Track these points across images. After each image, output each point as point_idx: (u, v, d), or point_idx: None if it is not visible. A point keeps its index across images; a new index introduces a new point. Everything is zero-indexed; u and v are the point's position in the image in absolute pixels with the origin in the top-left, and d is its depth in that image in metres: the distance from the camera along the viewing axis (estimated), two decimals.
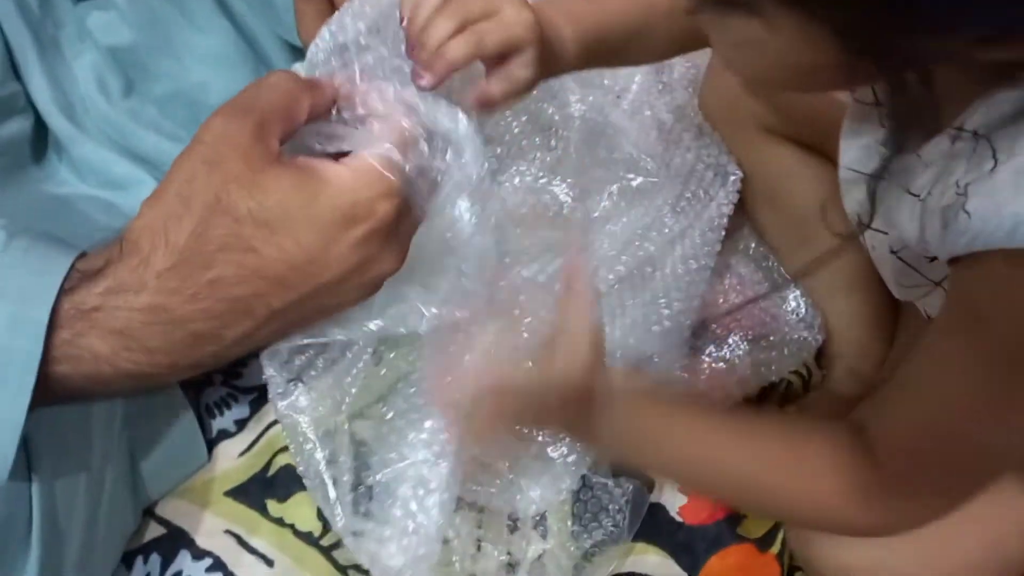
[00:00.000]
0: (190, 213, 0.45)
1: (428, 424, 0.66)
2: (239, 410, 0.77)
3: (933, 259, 0.49)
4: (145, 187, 0.77)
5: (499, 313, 0.58)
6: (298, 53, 0.83)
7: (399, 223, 0.48)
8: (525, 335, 0.57)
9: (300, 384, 0.71)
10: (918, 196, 0.45)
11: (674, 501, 0.72)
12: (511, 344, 0.56)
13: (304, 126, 0.50)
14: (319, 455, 0.69)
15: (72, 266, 0.46)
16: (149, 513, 0.71)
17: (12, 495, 0.53)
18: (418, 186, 0.50)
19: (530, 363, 0.53)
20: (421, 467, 0.65)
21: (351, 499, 0.69)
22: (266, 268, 0.46)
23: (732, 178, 0.78)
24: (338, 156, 0.50)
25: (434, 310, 0.59)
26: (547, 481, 0.70)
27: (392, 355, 0.73)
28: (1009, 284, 0.39)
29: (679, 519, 0.72)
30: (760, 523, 0.73)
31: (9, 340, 0.43)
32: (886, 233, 0.52)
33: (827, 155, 0.74)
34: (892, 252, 0.53)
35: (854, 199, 0.55)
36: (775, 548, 0.72)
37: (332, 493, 0.69)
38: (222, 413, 0.76)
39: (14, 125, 0.76)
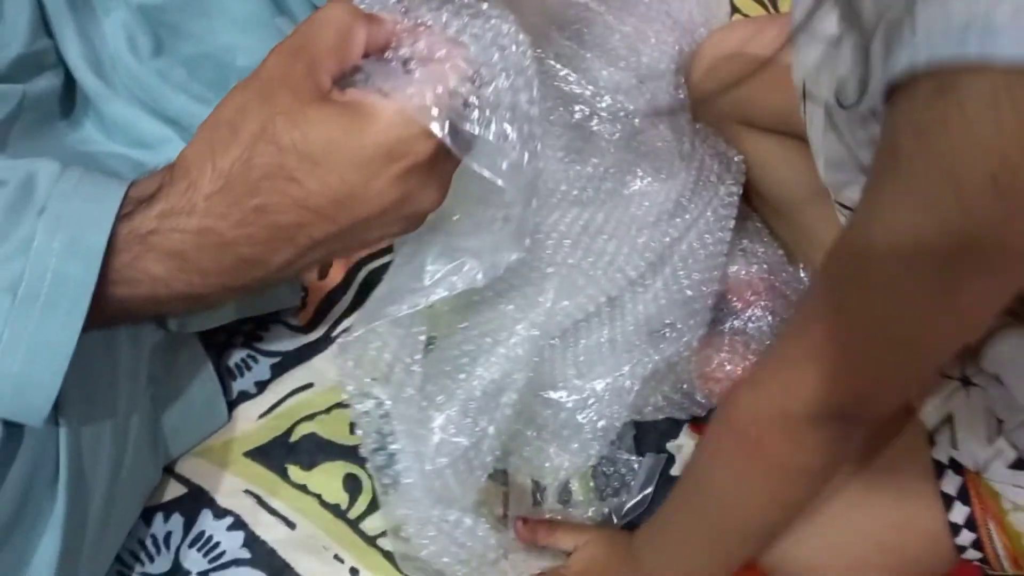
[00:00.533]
0: (237, 140, 0.46)
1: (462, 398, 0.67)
2: (260, 372, 0.77)
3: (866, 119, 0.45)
4: (172, 146, 0.76)
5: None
6: None
7: (439, 161, 0.49)
8: None
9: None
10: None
11: None
12: None
13: (361, 60, 0.50)
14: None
15: (126, 195, 0.47)
16: (169, 471, 0.72)
17: (40, 442, 0.53)
18: (462, 127, 0.49)
19: None
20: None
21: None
22: (308, 199, 0.47)
23: (736, 159, 0.79)
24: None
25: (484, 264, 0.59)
26: (576, 448, 0.70)
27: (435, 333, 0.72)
28: (934, 115, 0.34)
29: None
30: None
31: (65, 267, 0.44)
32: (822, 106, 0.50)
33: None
34: (827, 117, 0.50)
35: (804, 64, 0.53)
36: None
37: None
38: (243, 375, 0.77)
39: (44, 81, 0.76)
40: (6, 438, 0.50)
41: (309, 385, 0.77)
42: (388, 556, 0.69)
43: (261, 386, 0.76)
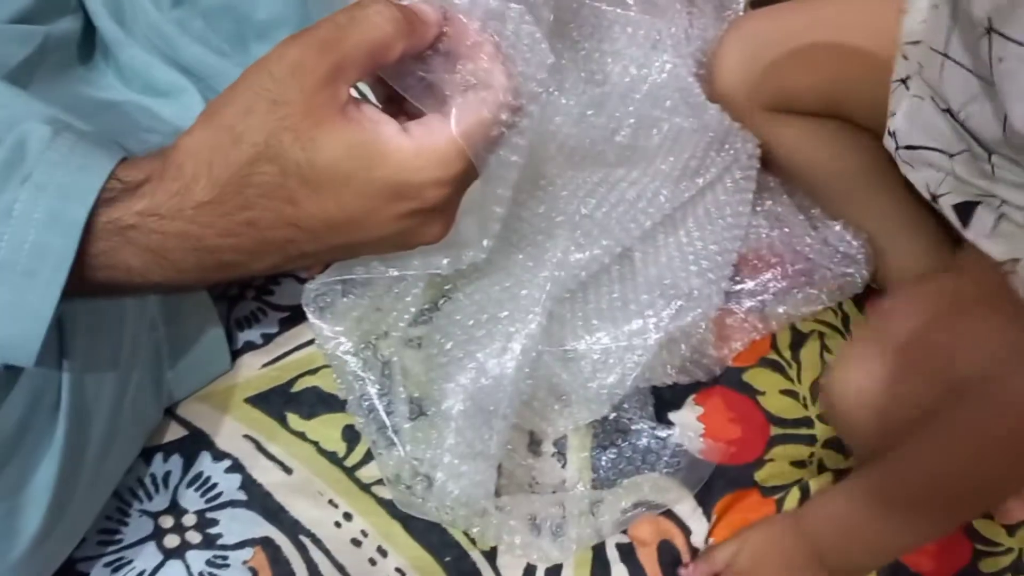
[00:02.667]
0: (238, 150, 0.42)
1: (481, 354, 0.67)
2: (268, 325, 0.78)
3: None
4: (188, 95, 0.77)
5: None
6: None
7: (447, 203, 0.46)
8: None
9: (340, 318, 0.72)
10: None
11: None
12: None
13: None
14: (371, 388, 0.70)
15: (114, 173, 0.44)
16: (170, 414, 0.72)
17: (42, 373, 0.54)
18: (483, 158, 0.46)
19: None
20: (480, 394, 0.65)
21: (409, 428, 0.70)
22: (303, 220, 0.44)
23: (751, 143, 0.80)
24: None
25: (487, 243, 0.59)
26: (584, 403, 0.71)
27: (448, 286, 0.73)
28: None
29: None
30: (774, 474, 0.74)
31: (46, 236, 0.43)
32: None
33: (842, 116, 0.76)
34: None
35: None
36: (778, 495, 0.73)
37: (387, 422, 0.70)
38: (251, 326, 0.77)
39: (64, 24, 0.76)
40: (6, 367, 0.50)
41: (314, 340, 0.77)
42: (382, 503, 0.70)
43: (268, 338, 0.77)
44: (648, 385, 0.75)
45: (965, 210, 0.62)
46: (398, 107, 0.47)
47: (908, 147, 0.65)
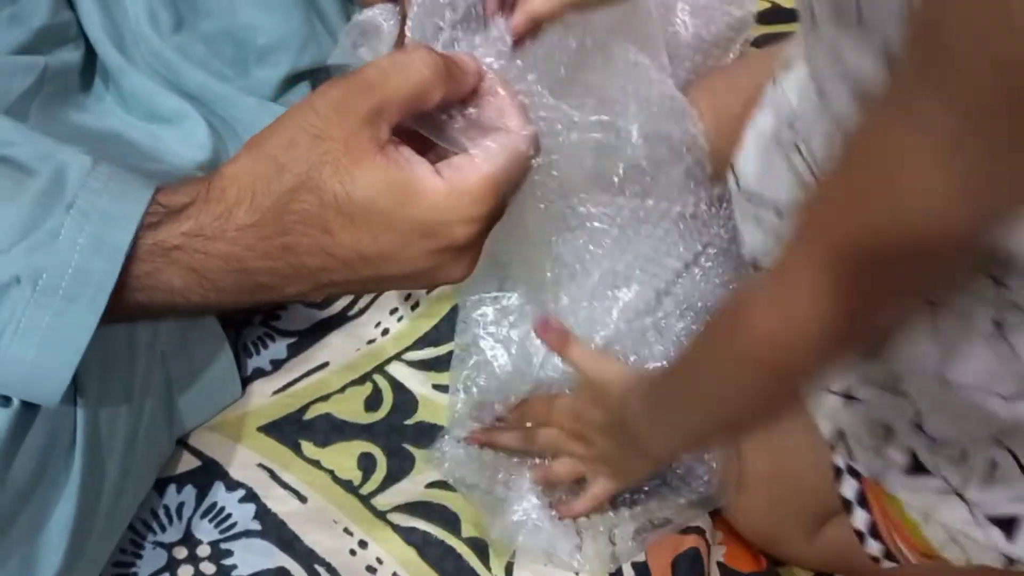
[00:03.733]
0: (280, 181, 0.45)
1: None
2: (276, 350, 0.78)
3: None
4: (192, 122, 0.77)
5: None
6: None
7: (474, 243, 0.48)
8: None
9: None
10: None
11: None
12: None
13: None
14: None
15: (155, 199, 0.46)
16: (183, 444, 0.72)
17: (58, 412, 0.54)
18: (508, 197, 0.49)
19: None
20: None
21: None
22: (336, 249, 0.46)
23: None
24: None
25: None
26: None
27: None
28: None
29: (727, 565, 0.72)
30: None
31: (89, 262, 0.45)
32: None
33: None
34: None
35: None
36: None
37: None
38: (259, 352, 0.77)
39: (65, 54, 0.76)
40: (24, 407, 0.51)
41: (324, 365, 0.77)
42: (398, 530, 0.70)
43: (277, 364, 0.77)
44: None
45: None
46: (423, 151, 0.48)
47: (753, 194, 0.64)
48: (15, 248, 0.45)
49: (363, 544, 0.69)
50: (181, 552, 0.68)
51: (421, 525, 0.70)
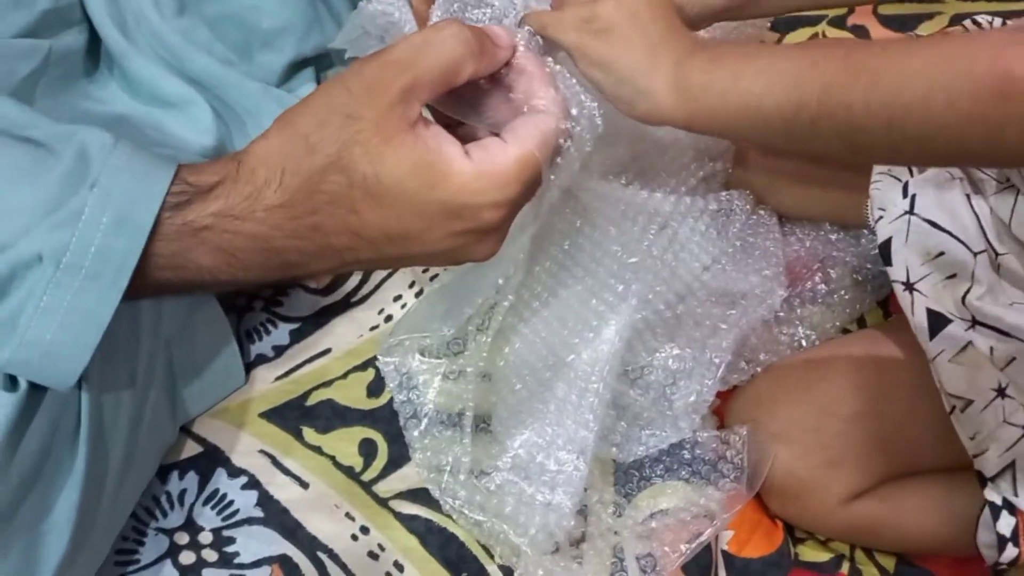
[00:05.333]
0: (310, 160, 0.45)
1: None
2: (278, 336, 0.78)
3: None
4: (196, 107, 0.76)
5: None
6: None
7: (503, 223, 0.48)
8: None
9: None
10: None
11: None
12: None
13: None
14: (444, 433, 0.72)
15: (180, 177, 0.47)
16: (186, 431, 0.72)
17: (63, 398, 0.54)
18: (539, 180, 0.49)
19: None
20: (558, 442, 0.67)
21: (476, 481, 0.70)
22: (364, 229, 0.47)
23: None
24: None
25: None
26: (667, 426, 0.71)
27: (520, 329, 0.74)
28: None
29: (733, 554, 0.71)
30: (817, 550, 0.73)
31: (112, 241, 0.45)
32: None
33: None
34: None
35: None
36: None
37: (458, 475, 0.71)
38: (261, 339, 0.77)
39: (69, 38, 0.76)
40: (29, 392, 0.51)
41: (327, 351, 0.77)
42: (400, 517, 0.70)
43: (279, 351, 0.77)
44: (725, 388, 0.75)
45: (937, 321, 0.61)
46: (452, 131, 0.49)
47: (928, 221, 0.63)
48: (38, 227, 0.46)
49: (365, 530, 0.70)
50: (183, 538, 0.68)
51: (423, 512, 0.70)
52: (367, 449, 0.73)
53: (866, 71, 0.46)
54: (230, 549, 0.68)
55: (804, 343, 0.78)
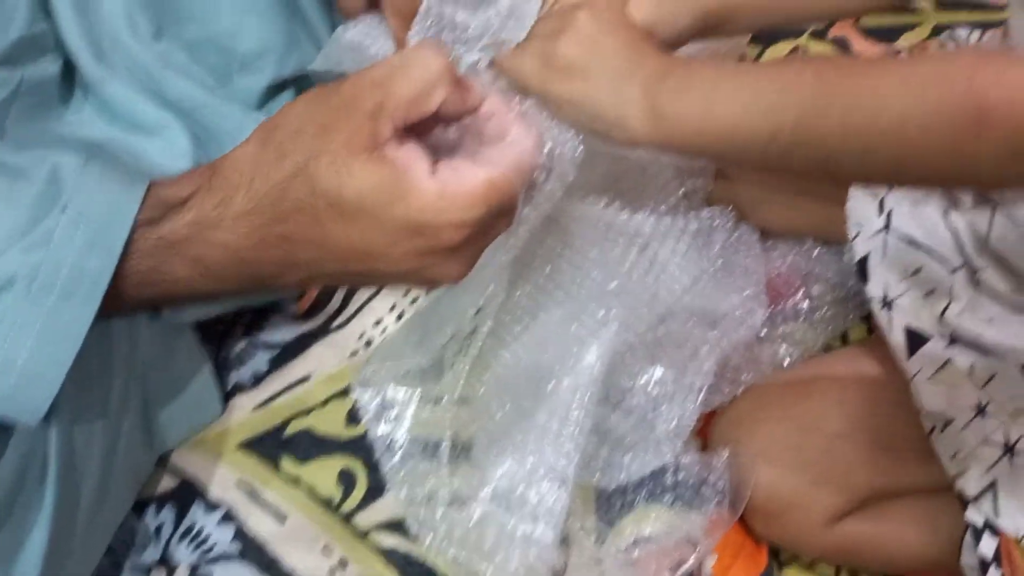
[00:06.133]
0: (279, 168, 0.46)
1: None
2: (257, 363, 0.77)
3: None
4: (173, 132, 0.76)
5: None
6: (330, 2, 0.82)
7: (467, 246, 0.48)
8: None
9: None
10: None
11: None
12: None
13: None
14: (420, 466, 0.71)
15: (154, 193, 0.47)
16: (162, 463, 0.71)
17: (31, 437, 0.53)
18: (509, 208, 0.49)
19: None
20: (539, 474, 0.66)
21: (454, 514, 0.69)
22: (327, 241, 0.47)
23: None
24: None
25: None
26: (649, 450, 0.71)
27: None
28: None
29: None
30: (802, 573, 0.72)
31: (84, 260, 0.45)
32: None
33: None
34: None
35: None
36: None
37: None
38: (240, 367, 0.76)
39: (43, 65, 0.75)
40: None
41: (306, 378, 0.76)
42: (378, 550, 0.69)
43: (258, 379, 0.76)
44: (707, 410, 0.74)
45: (915, 339, 0.61)
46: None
47: (905, 237, 0.62)
48: (11, 250, 0.46)
49: (343, 563, 0.69)
50: (160, 573, 0.67)
51: (402, 546, 0.69)
52: (346, 479, 0.72)
53: (840, 98, 0.46)
54: None
55: (787, 361, 0.77)
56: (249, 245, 0.47)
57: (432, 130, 0.50)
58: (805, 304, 0.80)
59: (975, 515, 0.62)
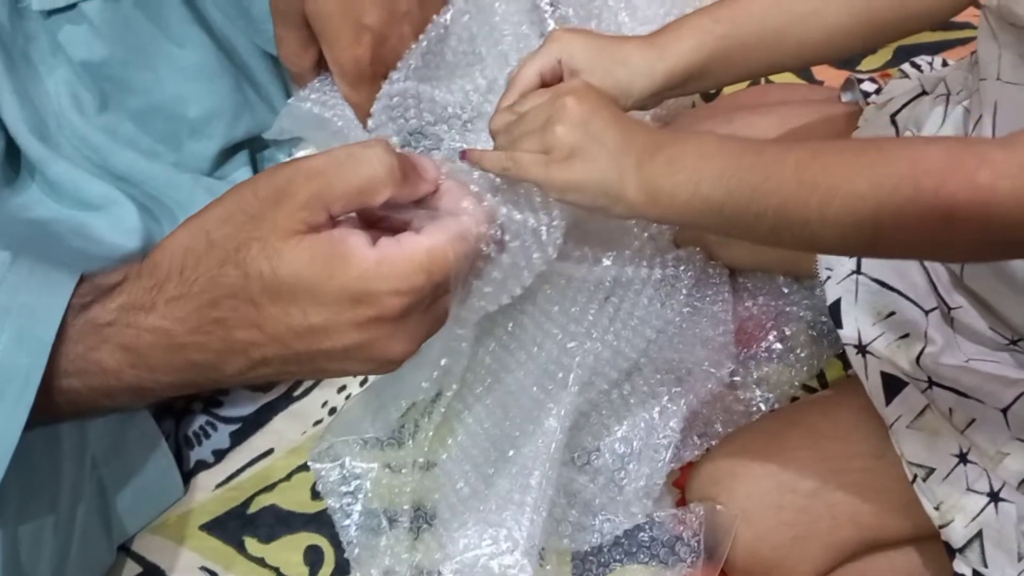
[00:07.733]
0: (208, 255, 0.46)
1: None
2: (218, 440, 0.75)
3: None
4: (120, 207, 0.75)
5: None
6: (279, 63, 0.81)
7: (410, 315, 0.47)
8: None
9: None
10: None
11: None
12: None
13: None
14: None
15: (85, 281, 0.47)
16: (124, 550, 0.70)
17: None
18: (454, 279, 0.49)
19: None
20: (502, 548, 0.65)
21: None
22: (266, 323, 0.46)
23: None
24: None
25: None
26: (619, 512, 0.69)
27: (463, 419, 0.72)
28: None
29: None
30: None
31: (13, 358, 0.45)
32: None
33: None
34: None
35: None
36: None
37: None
38: (200, 443, 0.75)
39: None
40: None
41: (269, 452, 0.75)
42: None
43: (219, 455, 0.74)
44: (678, 465, 0.72)
45: (893, 384, 0.60)
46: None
47: (876, 280, 0.62)
48: None
49: None
50: None
51: None
52: (312, 557, 0.70)
53: (817, 190, 0.48)
54: None
55: (763, 406, 0.76)
56: (183, 330, 0.46)
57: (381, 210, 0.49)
58: (778, 345, 0.78)
59: (962, 566, 0.61)
